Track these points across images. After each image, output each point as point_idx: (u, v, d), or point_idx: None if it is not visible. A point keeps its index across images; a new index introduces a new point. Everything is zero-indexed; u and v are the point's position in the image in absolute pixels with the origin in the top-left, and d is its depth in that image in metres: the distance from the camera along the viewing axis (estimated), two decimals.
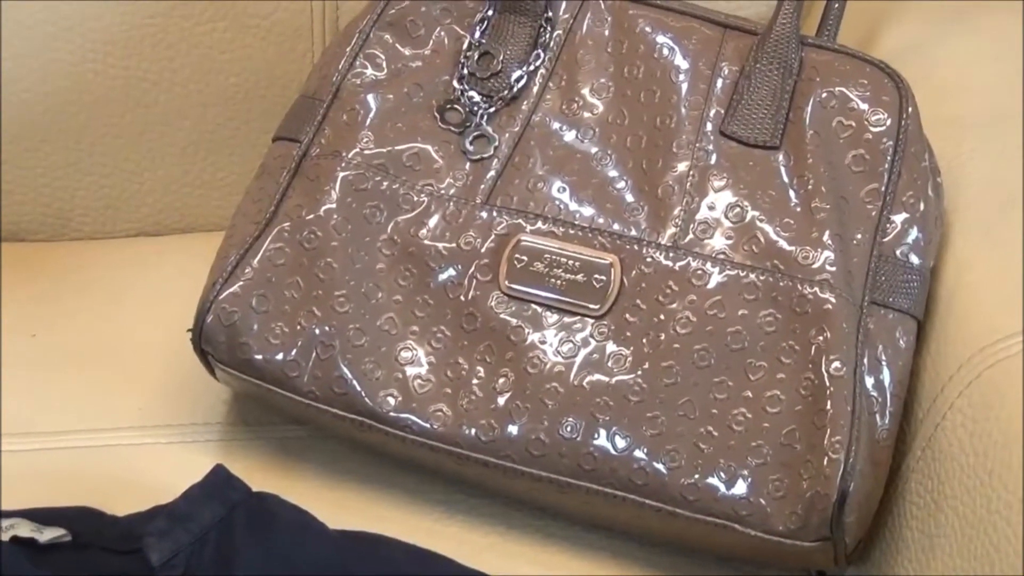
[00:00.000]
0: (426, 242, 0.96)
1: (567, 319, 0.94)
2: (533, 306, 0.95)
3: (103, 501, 0.92)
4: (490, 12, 1.00)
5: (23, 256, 1.14)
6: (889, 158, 0.96)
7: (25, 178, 1.15)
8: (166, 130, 1.15)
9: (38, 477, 0.96)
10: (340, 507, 0.95)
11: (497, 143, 0.98)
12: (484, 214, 0.96)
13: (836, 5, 1.02)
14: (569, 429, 0.92)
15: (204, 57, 1.13)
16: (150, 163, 1.16)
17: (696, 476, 0.91)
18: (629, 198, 0.96)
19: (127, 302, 1.09)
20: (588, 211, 0.96)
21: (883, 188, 0.95)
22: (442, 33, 1.00)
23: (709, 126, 0.97)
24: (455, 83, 0.99)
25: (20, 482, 0.95)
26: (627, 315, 0.94)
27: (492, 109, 0.99)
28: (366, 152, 0.97)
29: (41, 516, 0.89)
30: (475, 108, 0.98)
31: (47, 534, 0.88)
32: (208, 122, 1.15)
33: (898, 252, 0.95)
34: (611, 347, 0.94)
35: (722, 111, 0.97)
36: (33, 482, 0.95)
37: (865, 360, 0.92)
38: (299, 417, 0.97)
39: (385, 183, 0.97)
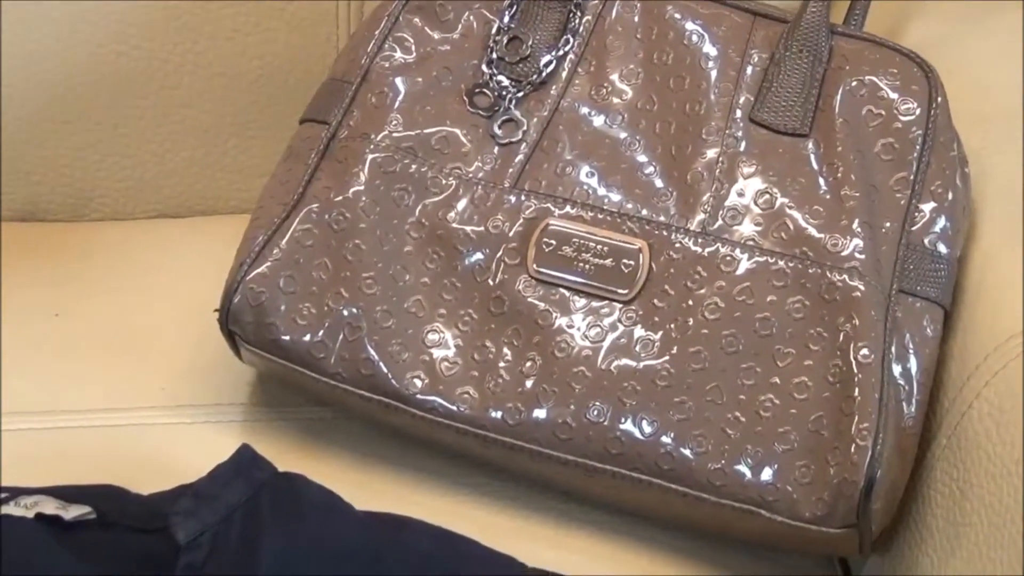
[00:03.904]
0: (454, 225, 0.96)
1: (595, 304, 0.94)
2: (561, 290, 0.95)
3: (126, 480, 0.92)
4: None
5: (43, 236, 1.14)
6: (918, 147, 0.96)
7: (46, 158, 1.15)
8: (189, 112, 1.15)
9: (62, 456, 0.96)
10: (364, 489, 0.94)
11: (525, 127, 0.98)
12: (512, 198, 0.96)
13: None
14: (596, 413, 0.92)
15: (228, 40, 1.13)
16: (172, 145, 1.16)
17: (723, 462, 0.91)
18: (658, 183, 0.97)
19: (149, 283, 1.09)
20: (616, 196, 0.96)
21: (912, 177, 0.96)
22: (471, 17, 1.00)
23: (739, 113, 0.97)
24: (484, 67, 0.99)
25: (44, 460, 0.95)
26: (655, 300, 0.94)
27: (521, 94, 0.99)
28: (395, 135, 0.97)
29: (66, 494, 0.89)
30: (504, 92, 0.98)
31: (72, 512, 0.88)
32: (231, 104, 1.15)
33: (926, 241, 0.95)
34: (639, 332, 0.94)
35: (752, 98, 0.98)
36: (57, 461, 0.95)
37: (893, 348, 0.92)
38: (325, 398, 0.97)
39: (414, 166, 0.97)
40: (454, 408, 0.93)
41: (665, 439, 0.92)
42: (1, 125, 1.13)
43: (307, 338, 0.94)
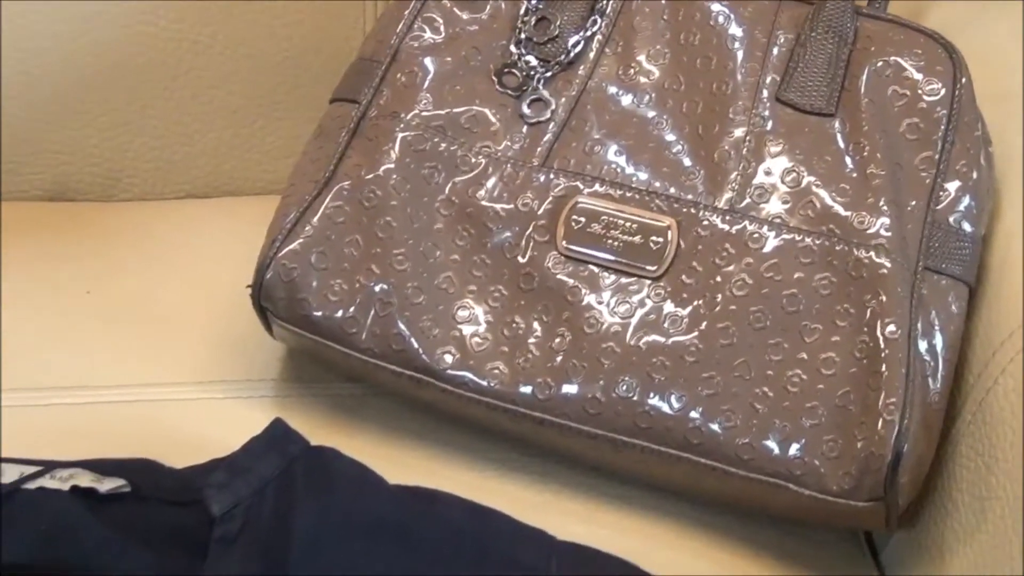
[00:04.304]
0: (484, 203, 0.96)
1: (624, 280, 0.95)
2: (590, 267, 0.95)
3: (158, 454, 0.93)
4: None
5: (73, 215, 1.15)
6: (943, 127, 0.97)
7: (75, 139, 1.16)
8: (217, 93, 1.16)
9: (95, 430, 0.97)
10: (394, 464, 0.95)
11: (554, 107, 0.99)
12: (541, 176, 0.97)
13: None
14: (625, 388, 0.93)
15: (255, 22, 1.14)
16: (201, 126, 1.16)
17: (751, 436, 0.92)
18: (686, 162, 0.97)
19: (178, 262, 1.10)
20: (644, 174, 0.97)
21: (937, 156, 0.96)
22: None
23: (765, 93, 0.98)
24: (512, 47, 1.00)
25: (77, 435, 0.96)
26: (684, 277, 0.95)
27: (549, 73, 0.99)
28: (424, 114, 0.98)
29: (101, 467, 0.90)
30: (532, 72, 0.99)
31: (107, 484, 0.89)
32: (259, 86, 1.16)
33: (951, 219, 0.96)
34: (668, 308, 0.94)
35: (778, 78, 0.98)
36: (90, 435, 0.96)
37: (919, 324, 0.93)
38: (356, 374, 0.98)
39: (443, 144, 0.97)
40: (484, 383, 0.94)
41: (694, 414, 0.92)
42: (31, 105, 1.14)
43: (339, 314, 0.94)
